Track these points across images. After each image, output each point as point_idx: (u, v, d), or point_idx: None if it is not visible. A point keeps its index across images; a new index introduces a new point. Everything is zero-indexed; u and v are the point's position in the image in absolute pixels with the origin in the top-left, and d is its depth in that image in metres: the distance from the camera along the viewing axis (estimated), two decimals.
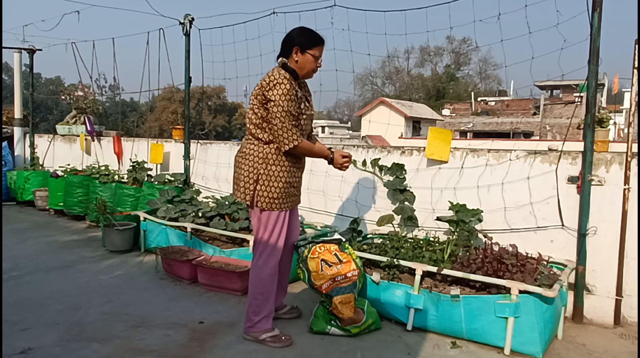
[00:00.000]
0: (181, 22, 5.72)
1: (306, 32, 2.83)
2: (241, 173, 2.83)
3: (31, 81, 8.37)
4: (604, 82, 27.54)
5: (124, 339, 2.92)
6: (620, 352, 2.94)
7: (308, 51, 2.80)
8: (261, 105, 2.75)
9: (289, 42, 2.81)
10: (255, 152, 2.79)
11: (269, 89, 2.69)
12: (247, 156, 2.82)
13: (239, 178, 2.85)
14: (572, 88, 30.66)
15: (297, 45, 2.79)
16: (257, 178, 2.78)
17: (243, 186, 2.81)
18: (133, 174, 5.99)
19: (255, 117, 2.78)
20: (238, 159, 2.89)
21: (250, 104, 2.82)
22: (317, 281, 3.03)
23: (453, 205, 3.67)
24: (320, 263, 3.03)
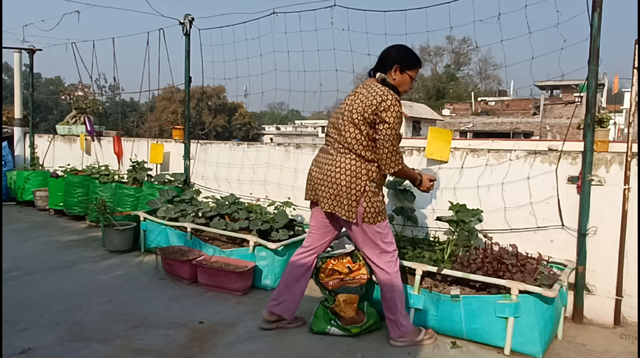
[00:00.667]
0: (181, 22, 5.72)
1: (408, 52, 2.83)
2: (341, 189, 2.73)
3: (31, 81, 8.37)
4: (604, 82, 27.54)
5: (124, 339, 2.92)
6: (620, 352, 2.94)
7: (407, 71, 2.80)
8: (369, 124, 2.69)
9: (389, 59, 2.80)
10: (359, 169, 2.73)
11: (383, 110, 2.64)
12: (349, 173, 2.72)
13: (339, 195, 2.74)
14: (572, 88, 30.67)
15: (397, 64, 2.78)
16: (362, 194, 2.72)
17: (347, 204, 2.73)
18: (133, 174, 5.99)
19: (360, 134, 2.71)
20: (332, 174, 2.76)
21: (351, 118, 2.73)
22: (324, 279, 3.07)
23: (453, 205, 3.67)
24: (331, 271, 3.09)
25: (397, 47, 2.85)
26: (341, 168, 2.75)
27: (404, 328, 2.91)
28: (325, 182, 2.80)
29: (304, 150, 4.99)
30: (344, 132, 2.76)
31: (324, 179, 2.81)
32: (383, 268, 2.88)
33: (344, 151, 2.78)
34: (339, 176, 2.75)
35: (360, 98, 2.73)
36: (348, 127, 2.75)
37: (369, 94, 2.71)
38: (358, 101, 2.73)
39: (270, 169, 5.26)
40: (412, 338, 2.92)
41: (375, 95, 2.68)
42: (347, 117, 2.76)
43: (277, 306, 3.07)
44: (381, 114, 2.65)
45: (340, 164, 2.76)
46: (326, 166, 2.82)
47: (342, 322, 3.03)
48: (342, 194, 2.73)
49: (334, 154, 2.81)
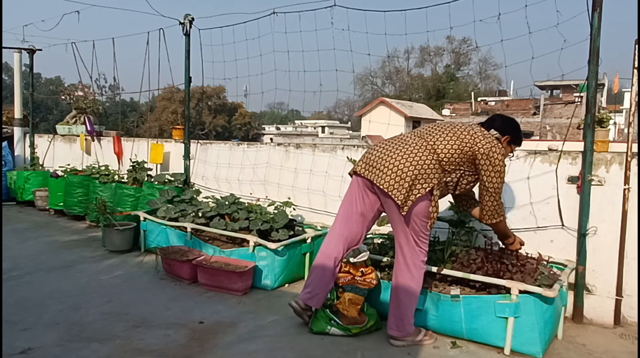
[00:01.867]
0: (181, 22, 5.72)
1: (520, 130, 3.05)
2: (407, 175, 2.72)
3: (31, 81, 8.37)
4: (604, 82, 27.54)
5: (124, 339, 2.92)
6: (620, 352, 2.94)
7: (512, 145, 3.04)
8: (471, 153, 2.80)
9: (506, 128, 2.98)
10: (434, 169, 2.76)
11: (498, 154, 2.79)
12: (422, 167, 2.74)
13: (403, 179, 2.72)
14: (572, 88, 30.66)
15: (510, 135, 2.99)
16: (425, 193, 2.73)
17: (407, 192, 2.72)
18: (133, 174, 5.99)
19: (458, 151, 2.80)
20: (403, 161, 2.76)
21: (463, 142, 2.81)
22: (338, 274, 3.08)
23: (453, 205, 3.66)
24: (346, 274, 3.10)
25: (513, 122, 3.07)
26: (419, 160, 2.75)
27: (406, 328, 2.91)
28: (394, 163, 2.77)
29: (304, 150, 4.99)
30: (444, 138, 2.84)
31: (393, 161, 2.78)
32: (410, 270, 2.88)
33: (431, 149, 2.81)
34: (414, 164, 2.73)
35: (482, 131, 2.88)
36: (450, 137, 2.84)
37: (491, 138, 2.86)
38: (478, 131, 2.86)
39: (270, 169, 5.26)
40: (412, 338, 2.93)
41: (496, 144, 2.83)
42: (457, 131, 2.86)
43: (312, 299, 3.03)
44: (494, 161, 2.79)
45: (419, 157, 2.77)
46: (401, 152, 2.80)
47: (343, 321, 3.03)
48: (407, 180, 2.71)
49: (417, 146, 2.81)
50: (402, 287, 2.90)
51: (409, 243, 2.86)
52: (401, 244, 2.89)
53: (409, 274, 2.88)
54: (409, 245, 2.86)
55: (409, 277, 2.88)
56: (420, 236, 2.85)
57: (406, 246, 2.87)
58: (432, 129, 2.93)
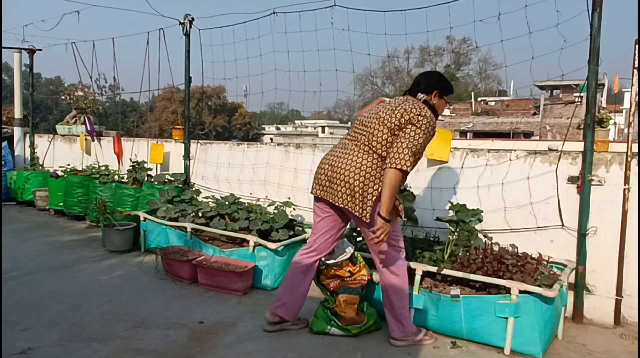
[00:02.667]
0: (181, 22, 5.72)
1: (446, 80, 2.95)
2: (356, 186, 2.70)
3: (31, 81, 8.37)
4: (604, 82, 27.53)
5: (124, 339, 2.92)
6: (620, 352, 2.94)
7: (445, 97, 2.93)
8: (400, 127, 2.70)
9: (429, 85, 2.88)
10: (378, 169, 2.72)
11: (418, 115, 2.68)
12: (367, 170, 2.71)
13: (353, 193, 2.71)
14: (572, 88, 30.66)
15: (437, 89, 2.88)
16: (378, 195, 2.70)
17: (362, 202, 2.70)
18: (133, 174, 5.99)
19: (389, 137, 2.71)
20: (351, 169, 2.74)
21: (385, 120, 2.74)
22: (326, 280, 3.07)
23: (453, 205, 3.66)
24: (333, 275, 3.09)
25: (436, 75, 2.97)
26: (361, 165, 2.73)
27: (406, 328, 2.92)
28: (341, 176, 2.76)
29: (304, 150, 4.99)
30: (374, 131, 2.77)
31: (340, 174, 2.77)
32: (392, 271, 2.90)
33: (368, 149, 2.77)
34: (358, 172, 2.72)
35: (403, 106, 2.75)
36: (380, 128, 2.75)
37: (412, 105, 2.74)
38: (400, 108, 2.75)
39: (270, 169, 5.26)
40: (412, 338, 2.93)
41: (416, 107, 2.73)
42: (382, 118, 2.77)
43: (280, 308, 3.05)
44: (414, 118, 2.68)
45: (361, 161, 2.74)
46: (344, 160, 2.79)
47: (342, 322, 3.03)
48: (357, 191, 2.71)
49: (356, 151, 2.79)
50: (390, 288, 2.91)
51: (384, 249, 2.86)
52: (375, 249, 2.88)
53: (392, 275, 2.90)
54: (383, 248, 2.86)
55: (393, 278, 2.90)
56: (391, 237, 2.81)
57: (380, 251, 2.87)
58: (363, 127, 2.84)
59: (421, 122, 2.68)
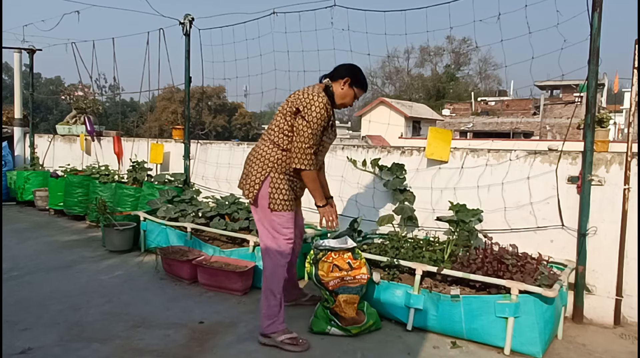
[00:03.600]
0: (181, 22, 5.72)
1: (360, 72, 3.01)
2: (251, 171, 2.93)
3: (31, 81, 8.37)
4: (604, 82, 27.55)
5: (124, 339, 2.92)
6: (620, 352, 2.94)
7: (355, 88, 2.98)
8: (293, 115, 2.84)
9: (342, 72, 2.96)
10: (268, 154, 2.90)
11: (306, 105, 2.79)
12: (259, 157, 2.93)
13: (248, 176, 2.95)
14: (572, 88, 30.66)
15: (349, 77, 2.94)
16: (265, 178, 2.87)
17: (250, 185, 2.92)
18: (133, 174, 5.99)
19: (283, 124, 2.87)
20: (250, 159, 2.99)
21: (282, 109, 2.90)
22: (325, 278, 3.04)
23: (453, 205, 3.67)
24: (331, 266, 3.04)
25: (352, 65, 3.02)
26: (256, 152, 2.95)
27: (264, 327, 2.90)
28: (245, 166, 3.03)
29: None
30: (272, 121, 2.96)
31: (245, 165, 3.03)
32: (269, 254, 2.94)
33: (265, 138, 2.97)
34: (252, 158, 2.96)
35: (297, 93, 2.89)
36: (276, 117, 2.93)
37: (302, 92, 2.87)
38: (294, 95, 2.89)
39: None
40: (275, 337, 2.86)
41: (308, 92, 2.84)
42: (279, 110, 2.93)
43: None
44: (303, 109, 2.79)
45: (257, 149, 2.97)
46: (250, 153, 3.03)
47: (343, 322, 3.03)
48: (250, 174, 2.94)
49: (260, 144, 2.99)
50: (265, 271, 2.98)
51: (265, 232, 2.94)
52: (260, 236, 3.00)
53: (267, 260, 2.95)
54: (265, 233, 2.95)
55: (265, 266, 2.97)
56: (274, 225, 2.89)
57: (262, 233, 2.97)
58: (271, 121, 3.00)
59: (308, 114, 2.78)
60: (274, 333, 2.87)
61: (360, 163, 4.40)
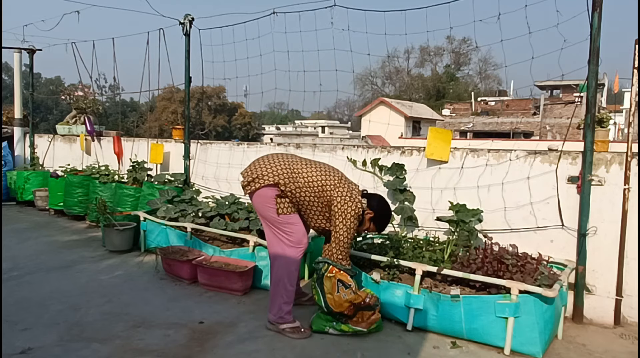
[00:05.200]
0: (181, 22, 5.72)
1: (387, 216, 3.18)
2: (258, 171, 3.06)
3: (31, 81, 8.37)
4: (604, 82, 27.54)
5: (124, 339, 2.92)
6: (620, 352, 2.94)
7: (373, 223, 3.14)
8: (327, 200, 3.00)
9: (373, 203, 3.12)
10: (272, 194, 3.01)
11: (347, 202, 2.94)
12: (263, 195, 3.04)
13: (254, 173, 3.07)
14: (572, 88, 30.66)
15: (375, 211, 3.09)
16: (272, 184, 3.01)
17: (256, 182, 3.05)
18: (133, 174, 5.99)
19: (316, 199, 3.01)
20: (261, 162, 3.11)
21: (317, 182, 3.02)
22: (337, 308, 2.99)
23: (453, 205, 3.67)
24: (336, 283, 2.99)
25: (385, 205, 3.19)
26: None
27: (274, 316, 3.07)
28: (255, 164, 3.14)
29: (304, 150, 4.99)
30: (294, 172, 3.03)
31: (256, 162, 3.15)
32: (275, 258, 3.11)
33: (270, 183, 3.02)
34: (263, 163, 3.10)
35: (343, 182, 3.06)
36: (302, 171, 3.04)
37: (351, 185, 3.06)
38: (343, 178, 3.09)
39: None
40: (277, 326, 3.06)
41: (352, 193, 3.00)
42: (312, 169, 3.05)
43: None
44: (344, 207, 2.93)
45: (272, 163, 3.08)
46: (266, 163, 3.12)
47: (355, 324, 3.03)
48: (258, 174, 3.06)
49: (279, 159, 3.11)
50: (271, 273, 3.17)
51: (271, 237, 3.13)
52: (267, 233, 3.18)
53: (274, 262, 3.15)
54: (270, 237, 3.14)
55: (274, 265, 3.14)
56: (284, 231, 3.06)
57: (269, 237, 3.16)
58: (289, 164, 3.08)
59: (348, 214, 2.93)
60: (279, 321, 3.05)
61: (360, 163, 4.40)
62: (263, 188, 3.00)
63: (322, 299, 3.03)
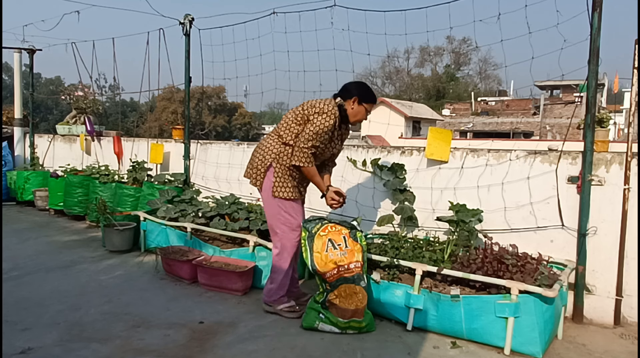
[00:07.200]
0: (181, 22, 5.72)
1: (367, 88, 3.28)
2: (254, 161, 3.28)
3: (31, 81, 8.37)
4: (604, 82, 27.55)
5: (124, 339, 2.92)
6: (620, 352, 2.94)
7: (364, 104, 3.22)
8: (303, 119, 3.15)
9: (349, 90, 3.22)
10: (272, 147, 3.22)
11: (316, 113, 3.11)
12: (264, 149, 3.25)
13: (252, 166, 3.29)
14: (572, 88, 30.67)
15: (356, 96, 3.19)
16: (268, 169, 3.20)
17: (256, 173, 3.27)
18: (133, 174, 5.99)
19: (293, 123, 3.18)
20: (256, 150, 3.32)
21: (294, 111, 3.21)
22: (322, 268, 3.05)
23: (453, 205, 3.67)
24: (327, 242, 3.07)
25: (358, 82, 3.32)
26: (263, 146, 3.28)
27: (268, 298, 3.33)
28: (252, 156, 3.36)
29: None
30: (283, 120, 3.26)
31: (253, 156, 3.35)
32: (275, 244, 3.34)
33: (272, 133, 3.30)
34: (258, 150, 3.29)
35: (312, 101, 3.21)
36: (288, 118, 3.23)
37: (319, 102, 3.19)
38: (309, 103, 3.20)
39: None
40: (274, 307, 3.31)
41: (320, 104, 3.16)
42: (292, 111, 3.24)
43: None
44: (313, 114, 3.11)
45: (263, 142, 3.31)
46: (257, 146, 3.36)
47: (338, 312, 3.01)
48: (254, 164, 3.28)
49: (266, 138, 3.32)
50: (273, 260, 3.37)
51: (274, 221, 3.27)
52: (269, 225, 3.35)
53: (274, 248, 3.36)
54: (274, 221, 3.28)
55: (274, 249, 3.36)
56: (281, 212, 3.23)
57: (271, 222, 3.31)
58: (281, 119, 3.31)
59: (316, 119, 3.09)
60: (275, 302, 3.30)
61: (360, 163, 4.40)
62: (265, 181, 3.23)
63: (310, 257, 3.09)
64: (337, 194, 3.30)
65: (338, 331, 3.04)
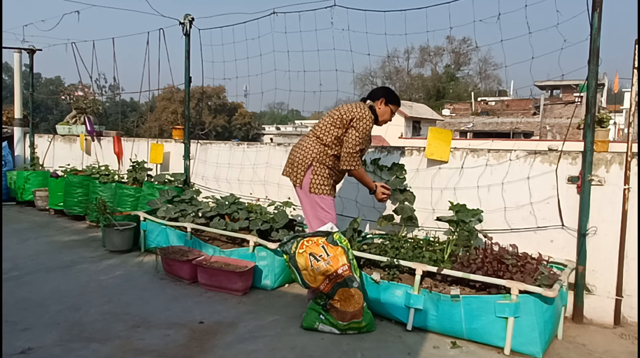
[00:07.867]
0: (181, 22, 5.72)
1: (392, 92, 3.61)
2: (295, 161, 3.47)
3: (31, 81, 8.37)
4: (604, 82, 27.55)
5: (124, 339, 2.92)
6: (620, 352, 2.94)
7: (390, 105, 3.56)
8: (342, 125, 3.40)
9: (378, 93, 3.57)
10: (313, 147, 3.43)
11: (357, 120, 3.37)
12: (305, 149, 3.46)
13: (293, 165, 3.49)
14: (572, 88, 30.67)
15: (383, 97, 3.54)
16: (309, 167, 3.40)
17: (296, 172, 3.46)
18: (133, 174, 5.99)
19: (331, 127, 3.42)
20: (295, 150, 3.52)
21: (332, 114, 3.45)
22: (313, 284, 3.07)
23: (453, 205, 3.67)
24: (308, 258, 3.09)
25: (385, 87, 3.67)
26: (302, 146, 3.48)
27: None
28: (291, 156, 3.55)
29: None
30: (321, 123, 3.48)
31: (292, 156, 3.54)
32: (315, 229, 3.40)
33: (310, 134, 3.51)
34: (299, 151, 3.48)
35: (348, 106, 3.45)
36: (326, 121, 3.46)
37: (355, 107, 3.44)
38: (345, 108, 3.45)
39: (270, 169, 5.26)
40: None
41: (358, 109, 3.41)
42: (329, 115, 3.47)
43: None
44: (355, 122, 3.37)
45: (301, 143, 3.51)
46: (296, 146, 3.56)
47: (339, 315, 3.02)
48: (294, 164, 3.47)
49: (305, 139, 3.53)
50: None
51: (312, 216, 3.43)
52: (307, 221, 3.50)
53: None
54: (312, 217, 3.44)
55: None
56: (319, 207, 3.40)
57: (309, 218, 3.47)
58: (320, 120, 3.53)
59: (359, 125, 3.37)
60: None
61: None
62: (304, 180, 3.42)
63: (299, 277, 3.13)
64: (384, 188, 3.63)
65: (338, 332, 3.04)
